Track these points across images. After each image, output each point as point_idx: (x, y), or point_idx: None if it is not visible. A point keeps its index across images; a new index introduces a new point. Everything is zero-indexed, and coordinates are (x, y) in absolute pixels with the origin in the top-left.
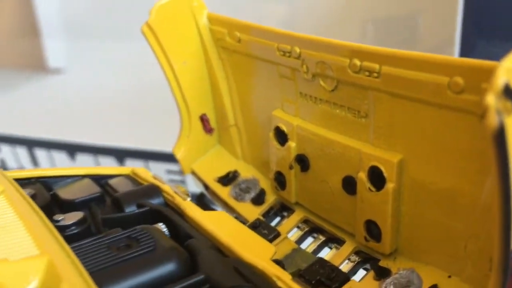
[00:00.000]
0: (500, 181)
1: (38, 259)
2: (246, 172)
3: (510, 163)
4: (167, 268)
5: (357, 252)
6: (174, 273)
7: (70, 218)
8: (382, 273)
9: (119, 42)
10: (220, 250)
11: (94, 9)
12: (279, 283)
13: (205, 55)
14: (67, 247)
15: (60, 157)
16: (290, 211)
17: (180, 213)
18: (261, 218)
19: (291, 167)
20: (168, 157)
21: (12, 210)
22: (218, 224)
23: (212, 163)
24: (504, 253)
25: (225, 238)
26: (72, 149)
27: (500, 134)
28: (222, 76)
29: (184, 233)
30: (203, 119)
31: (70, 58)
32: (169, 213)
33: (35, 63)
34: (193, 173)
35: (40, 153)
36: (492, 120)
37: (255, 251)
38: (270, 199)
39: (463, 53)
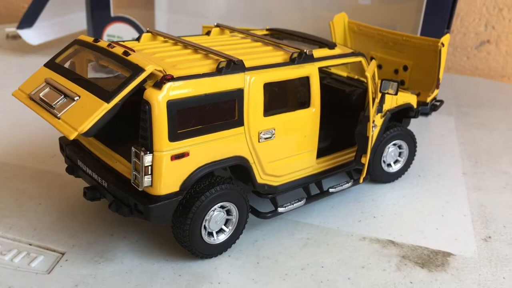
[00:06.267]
0: (434, 67)
1: None
2: None
3: (441, 62)
4: None
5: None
6: None
7: None
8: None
9: (203, 19)
10: None
11: None
12: None
13: (344, 33)
14: None
15: None
16: None
17: None
18: None
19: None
20: None
21: None
22: None
23: None
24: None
25: None
26: None
27: (440, 50)
28: (350, 40)
29: None
30: None
31: (169, 27)
32: None
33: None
34: None
35: None
36: (439, 47)
37: None
38: None
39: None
